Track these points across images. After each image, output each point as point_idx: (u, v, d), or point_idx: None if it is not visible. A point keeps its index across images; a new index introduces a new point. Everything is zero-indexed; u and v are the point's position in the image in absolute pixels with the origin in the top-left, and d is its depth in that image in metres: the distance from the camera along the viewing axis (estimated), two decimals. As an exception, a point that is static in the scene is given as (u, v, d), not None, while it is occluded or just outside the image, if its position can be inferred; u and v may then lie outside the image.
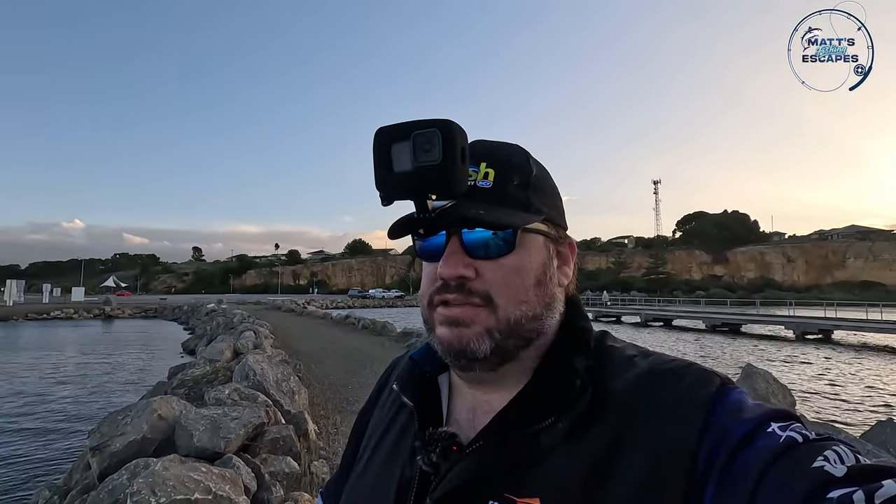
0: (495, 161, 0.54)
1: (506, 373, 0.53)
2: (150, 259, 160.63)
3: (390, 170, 0.45)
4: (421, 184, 0.45)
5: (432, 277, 0.53)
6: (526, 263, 0.52)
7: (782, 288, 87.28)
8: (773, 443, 0.40)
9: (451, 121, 0.44)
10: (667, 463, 0.42)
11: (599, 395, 0.49)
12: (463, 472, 0.49)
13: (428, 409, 0.58)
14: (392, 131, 0.45)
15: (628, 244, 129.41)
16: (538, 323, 0.53)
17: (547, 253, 0.55)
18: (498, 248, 0.51)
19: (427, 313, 0.54)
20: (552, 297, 0.54)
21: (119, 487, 2.85)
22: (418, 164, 0.44)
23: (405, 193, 0.46)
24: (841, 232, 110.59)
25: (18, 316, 31.69)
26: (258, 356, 6.52)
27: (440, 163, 0.43)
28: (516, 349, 0.52)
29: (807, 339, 21.20)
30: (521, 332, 0.51)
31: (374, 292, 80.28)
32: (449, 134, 0.43)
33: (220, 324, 18.34)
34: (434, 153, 0.43)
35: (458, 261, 0.51)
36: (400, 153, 0.45)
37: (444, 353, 0.52)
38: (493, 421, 0.51)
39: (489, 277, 0.51)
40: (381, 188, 0.46)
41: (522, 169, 0.55)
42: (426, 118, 0.45)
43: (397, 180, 0.45)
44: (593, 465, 0.45)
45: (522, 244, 0.52)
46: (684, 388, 0.46)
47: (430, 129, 0.44)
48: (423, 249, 0.55)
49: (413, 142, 0.44)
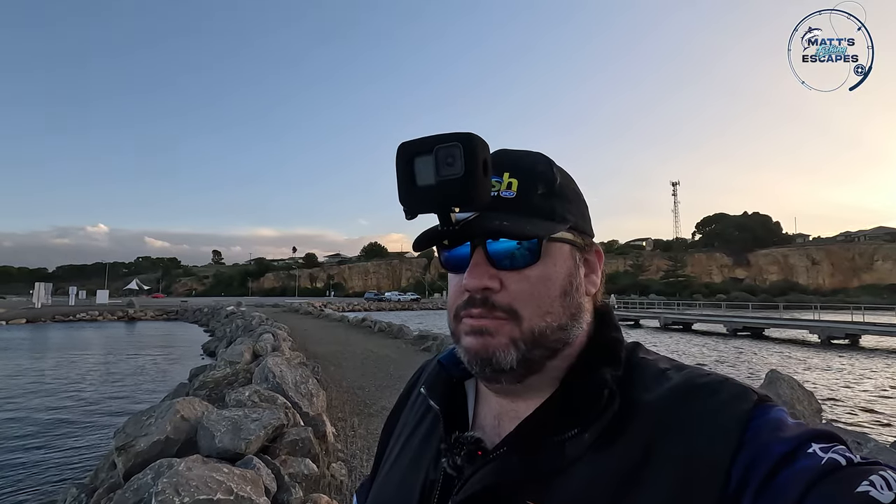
0: (518, 171, 0.54)
1: (532, 383, 0.53)
2: (172, 262, 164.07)
3: (413, 184, 0.46)
4: (444, 197, 0.45)
5: (458, 290, 0.53)
6: (551, 273, 0.52)
7: (807, 291, 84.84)
8: (813, 464, 0.38)
9: (473, 134, 0.45)
10: (698, 480, 0.41)
11: (628, 407, 0.48)
12: (486, 477, 0.49)
13: (454, 413, 0.58)
14: (415, 146, 0.46)
15: (646, 246, 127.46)
16: (564, 333, 0.52)
17: (573, 262, 0.54)
18: (523, 258, 0.51)
19: (454, 325, 0.55)
20: (578, 308, 0.54)
21: (144, 487, 2.92)
22: (441, 178, 0.44)
23: (428, 207, 0.47)
24: (868, 233, 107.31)
25: (46, 318, 32.62)
26: (277, 358, 6.59)
27: (462, 176, 0.44)
28: (542, 360, 0.51)
29: (833, 343, 20.59)
30: (546, 343, 0.51)
31: (391, 295, 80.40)
32: (470, 147, 0.44)
33: (240, 326, 18.59)
34: (456, 166, 0.44)
35: (482, 272, 0.51)
36: (423, 167, 0.45)
37: (471, 363, 0.52)
38: (519, 428, 0.51)
39: (514, 289, 0.51)
40: (405, 202, 0.47)
41: (546, 178, 0.54)
42: (448, 132, 0.45)
43: (420, 194, 0.46)
44: (620, 477, 0.44)
45: (548, 254, 0.52)
46: (719, 403, 0.45)
47: (452, 143, 0.44)
48: (449, 261, 0.56)
49: (435, 156, 0.45)
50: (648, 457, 0.44)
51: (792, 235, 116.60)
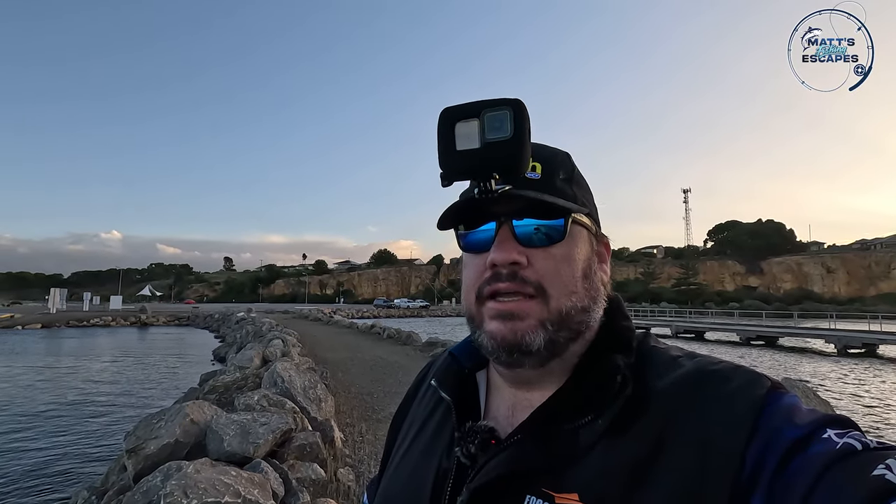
0: (541, 156, 0.55)
1: (551, 368, 0.53)
2: (184, 269, 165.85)
3: (454, 148, 0.46)
4: (487, 161, 0.45)
5: (480, 269, 0.53)
6: (574, 254, 0.53)
7: (822, 300, 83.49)
8: (828, 448, 0.37)
9: (521, 101, 0.45)
10: (711, 466, 0.41)
11: (641, 394, 0.48)
12: (501, 465, 0.49)
13: (466, 404, 0.59)
14: (460, 110, 0.46)
15: (657, 254, 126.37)
16: (586, 315, 0.53)
17: (590, 247, 0.56)
18: (549, 237, 0.52)
19: (475, 308, 0.53)
20: (597, 291, 0.55)
21: (153, 489, 2.93)
22: (487, 141, 0.44)
23: (469, 172, 0.47)
24: (885, 241, 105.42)
25: (61, 323, 33.20)
26: (286, 364, 6.62)
27: (511, 138, 0.44)
28: (566, 342, 0.52)
29: (849, 353, 20.16)
30: (570, 324, 0.51)
31: (400, 302, 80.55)
32: (520, 112, 0.45)
33: (250, 332, 18.73)
34: (504, 129, 0.44)
35: (510, 247, 0.51)
36: (467, 131, 0.45)
37: (496, 348, 0.51)
38: (533, 416, 0.51)
39: (540, 266, 0.51)
40: (444, 166, 0.47)
41: (566, 166, 0.56)
42: (496, 98, 0.46)
43: (463, 158, 0.46)
44: (634, 464, 0.44)
45: (571, 234, 0.53)
46: (732, 389, 0.45)
47: (501, 107, 0.45)
48: (470, 241, 0.55)
49: (482, 119, 0.45)
50: (662, 443, 0.44)
51: (806, 243, 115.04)
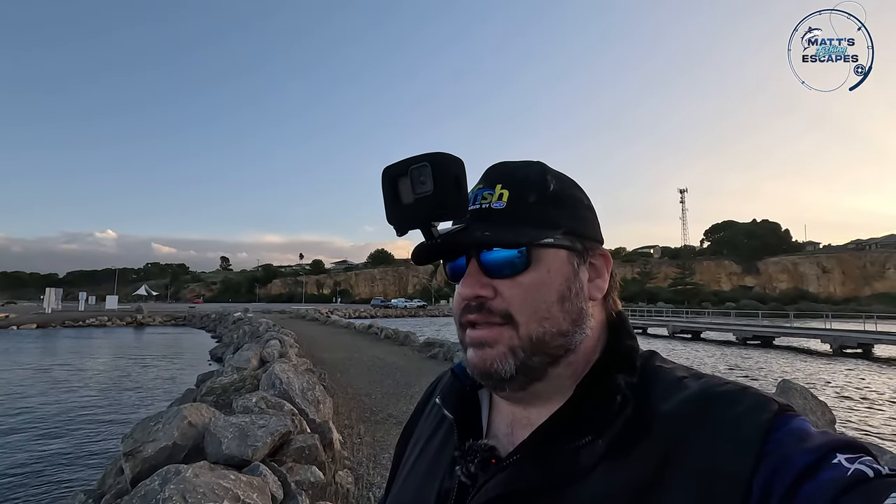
0: (511, 182, 0.55)
1: (538, 391, 0.53)
2: (181, 268, 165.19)
3: (399, 203, 0.49)
4: (421, 213, 0.48)
5: (459, 299, 0.55)
6: (545, 279, 0.52)
7: (817, 300, 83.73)
8: (839, 475, 0.36)
9: (442, 153, 0.48)
10: (718, 493, 0.40)
11: (643, 415, 0.47)
12: (500, 485, 0.49)
13: (468, 422, 0.59)
14: (395, 168, 0.50)
15: (654, 254, 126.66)
16: (565, 339, 0.52)
17: (571, 267, 0.54)
18: (514, 266, 0.52)
19: (460, 334, 0.56)
20: (580, 313, 0.53)
21: (151, 493, 2.91)
22: (416, 196, 0.48)
23: (411, 223, 0.49)
24: (880, 241, 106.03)
25: (56, 323, 32.97)
26: (284, 365, 6.60)
27: (433, 193, 0.46)
28: (543, 367, 0.52)
29: (845, 353, 20.26)
30: (545, 349, 0.51)
31: (397, 302, 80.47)
32: (438, 165, 0.47)
33: (247, 332, 18.68)
34: (427, 184, 0.47)
35: (475, 281, 0.52)
36: (403, 187, 0.49)
37: (473, 374, 0.54)
38: (532, 435, 0.51)
39: (508, 295, 0.51)
40: (391, 220, 0.50)
41: (539, 186, 0.55)
42: (420, 154, 0.49)
43: (402, 212, 0.49)
44: (636, 487, 0.43)
45: (539, 260, 0.52)
46: (738, 412, 0.44)
47: (421, 163, 0.47)
48: (450, 272, 0.58)
49: (410, 176, 0.48)
50: (666, 467, 0.43)
51: (802, 243, 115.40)
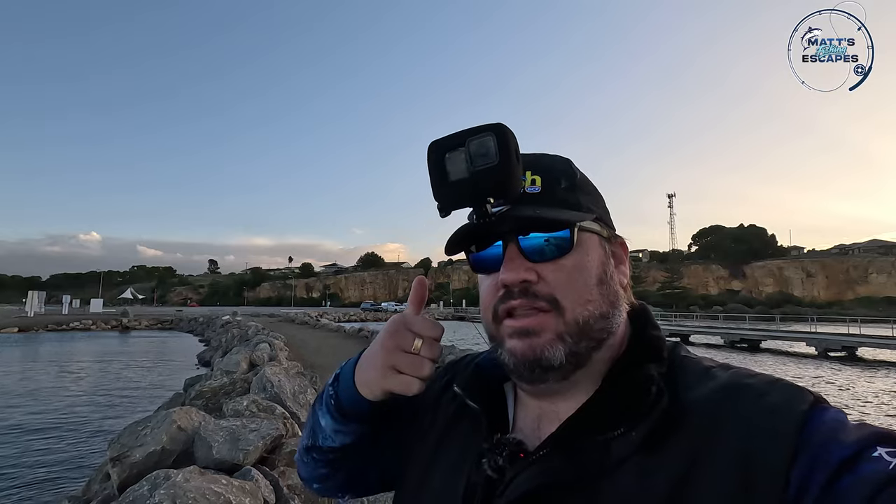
0: (540, 168, 0.55)
1: (577, 380, 0.52)
2: (167, 271, 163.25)
3: (446, 180, 0.47)
4: (479, 188, 0.46)
5: (493, 288, 0.53)
6: (585, 262, 0.52)
7: (802, 303, 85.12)
8: (881, 469, 0.35)
9: (503, 124, 0.46)
10: (754, 485, 0.39)
11: (676, 406, 0.46)
12: (530, 479, 0.47)
13: (493, 416, 0.57)
14: (446, 141, 0.48)
15: (643, 258, 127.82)
16: (606, 322, 0.52)
17: (603, 251, 0.55)
18: (557, 249, 0.51)
19: (493, 327, 0.54)
20: (616, 296, 0.54)
21: (140, 499, 2.85)
22: (475, 169, 0.46)
23: (463, 201, 0.48)
24: (862, 246, 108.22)
25: (38, 327, 32.26)
26: (275, 368, 6.54)
27: (498, 164, 0.45)
28: (588, 352, 0.51)
29: (830, 356, 20.61)
30: (591, 333, 0.51)
31: (387, 305, 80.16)
32: (503, 136, 0.45)
33: (235, 336, 18.45)
34: (490, 156, 0.45)
35: (518, 265, 0.51)
36: (455, 162, 0.47)
37: (518, 366, 0.51)
38: (562, 428, 0.50)
39: (552, 279, 0.51)
40: (440, 199, 0.48)
41: (567, 173, 0.55)
42: (478, 125, 0.47)
43: (455, 189, 0.47)
44: (672, 480, 0.42)
45: (580, 243, 0.52)
46: (773, 402, 0.43)
47: (484, 134, 0.46)
48: (479, 262, 0.55)
49: (468, 148, 0.46)
50: (701, 459, 0.42)
51: (787, 248, 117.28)
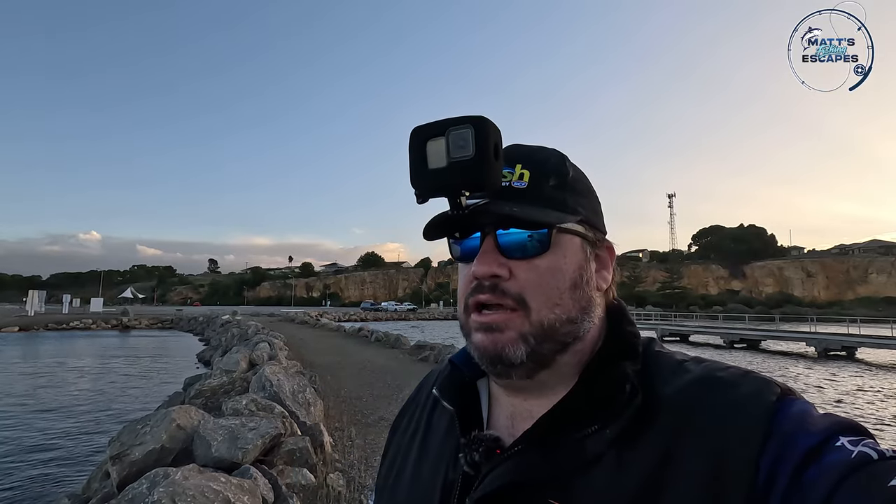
0: (531, 162, 0.53)
1: (543, 379, 0.52)
2: (167, 270, 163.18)
3: (425, 167, 0.46)
4: (454, 180, 0.45)
5: (468, 279, 0.52)
6: (561, 265, 0.51)
7: (802, 303, 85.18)
8: (843, 458, 0.37)
9: (485, 117, 0.45)
10: (725, 476, 0.40)
11: (649, 402, 0.47)
12: (504, 475, 0.48)
13: (468, 414, 0.57)
14: (427, 129, 0.46)
15: (643, 258, 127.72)
16: (573, 327, 0.51)
17: (583, 255, 0.53)
18: (532, 247, 0.50)
19: (464, 318, 0.53)
20: (588, 301, 0.53)
21: (139, 497, 2.86)
22: (452, 160, 0.45)
23: (439, 190, 0.46)
24: (862, 246, 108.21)
25: (39, 326, 32.28)
26: (274, 367, 6.55)
27: (473, 158, 0.44)
28: (552, 354, 0.50)
29: (829, 356, 20.63)
30: (555, 336, 0.50)
31: (387, 305, 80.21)
32: (483, 130, 0.44)
33: (235, 335, 18.46)
34: (468, 149, 0.44)
35: (491, 259, 0.50)
36: (435, 150, 0.45)
37: (481, 359, 0.52)
38: (536, 425, 0.50)
39: (523, 278, 0.50)
40: (416, 185, 0.47)
41: (559, 171, 0.54)
42: (461, 115, 0.45)
43: (431, 177, 0.46)
44: (645, 475, 0.43)
45: (557, 245, 0.51)
46: (742, 395, 0.44)
47: (464, 126, 0.44)
48: (459, 251, 0.55)
49: (447, 138, 0.45)
50: (674, 452, 0.43)
51: (787, 248, 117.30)
